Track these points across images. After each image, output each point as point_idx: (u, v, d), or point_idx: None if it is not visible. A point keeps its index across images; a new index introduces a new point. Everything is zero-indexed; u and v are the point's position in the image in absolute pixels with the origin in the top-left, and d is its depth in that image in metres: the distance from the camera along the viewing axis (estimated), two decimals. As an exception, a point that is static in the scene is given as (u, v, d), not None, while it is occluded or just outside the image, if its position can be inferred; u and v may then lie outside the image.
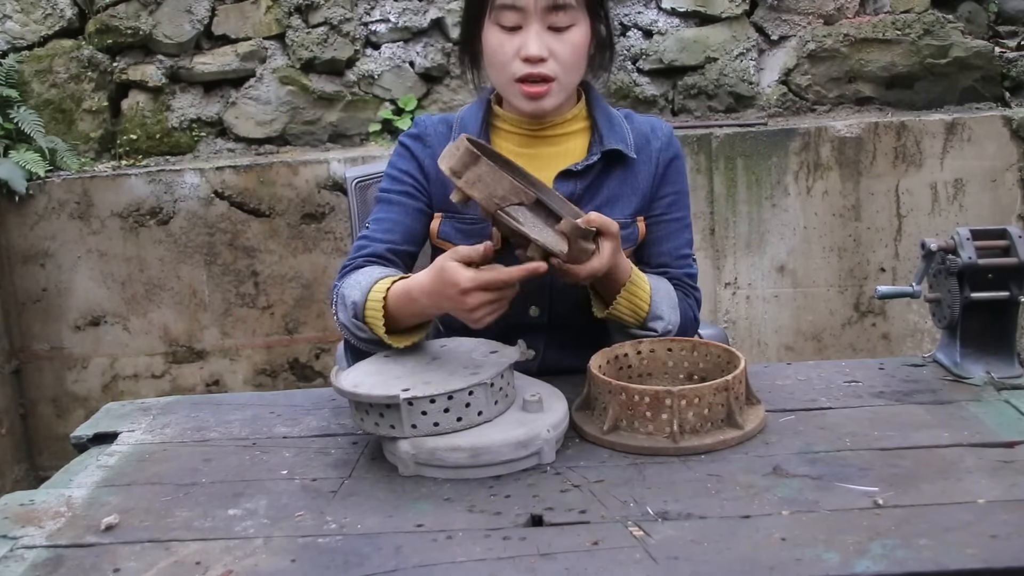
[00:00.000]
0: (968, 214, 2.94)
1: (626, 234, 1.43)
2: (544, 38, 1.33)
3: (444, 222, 1.43)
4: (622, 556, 0.89)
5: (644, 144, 1.46)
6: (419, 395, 1.09)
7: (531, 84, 1.34)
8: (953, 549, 0.88)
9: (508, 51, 1.34)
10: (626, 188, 1.44)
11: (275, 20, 3.22)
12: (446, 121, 1.47)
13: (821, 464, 1.07)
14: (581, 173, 1.41)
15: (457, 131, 1.43)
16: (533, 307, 1.42)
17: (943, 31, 3.11)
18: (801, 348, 3.03)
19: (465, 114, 1.47)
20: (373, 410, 1.12)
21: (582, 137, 1.45)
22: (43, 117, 3.12)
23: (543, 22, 1.33)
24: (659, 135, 1.48)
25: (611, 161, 1.43)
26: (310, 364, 3.05)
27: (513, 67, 1.35)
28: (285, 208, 2.99)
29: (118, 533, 1.01)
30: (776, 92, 3.21)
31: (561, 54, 1.34)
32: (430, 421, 1.10)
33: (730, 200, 2.96)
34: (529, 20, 1.33)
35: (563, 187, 1.40)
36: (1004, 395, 1.26)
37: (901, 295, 1.37)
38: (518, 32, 1.34)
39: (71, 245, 3.00)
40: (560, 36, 1.34)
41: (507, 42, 1.34)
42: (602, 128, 1.43)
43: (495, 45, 1.35)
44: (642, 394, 1.14)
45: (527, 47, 1.32)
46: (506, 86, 1.38)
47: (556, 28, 1.33)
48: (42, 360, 3.07)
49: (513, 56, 1.34)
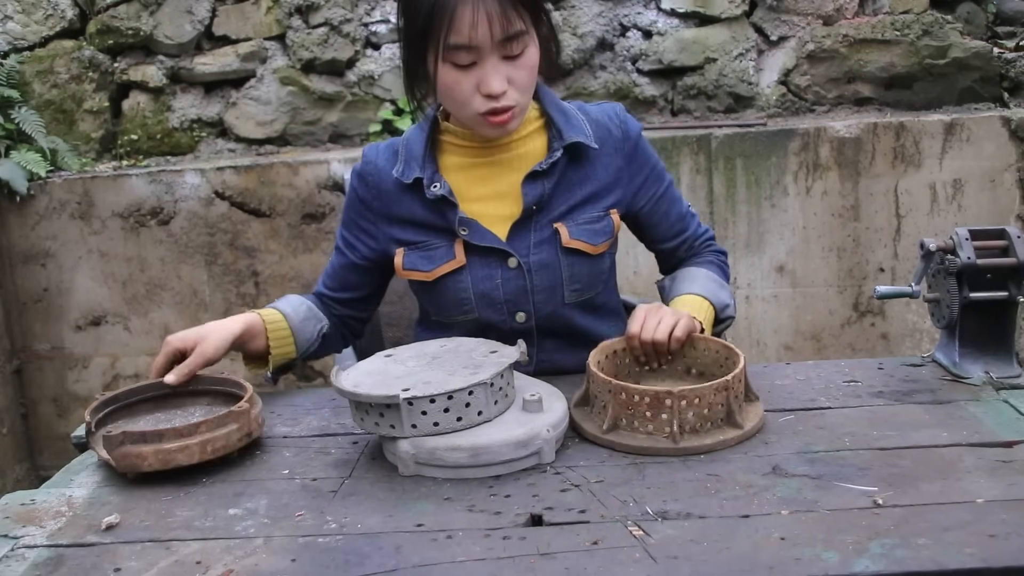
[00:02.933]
0: (967, 214, 2.94)
1: (600, 227, 1.42)
2: (501, 70, 1.28)
3: (408, 254, 1.41)
4: (622, 556, 0.90)
5: (606, 135, 1.42)
6: (419, 395, 1.09)
7: (495, 116, 1.30)
8: (952, 548, 0.88)
9: (466, 88, 1.29)
10: (592, 181, 1.41)
11: (275, 21, 3.22)
12: (392, 147, 1.45)
13: (820, 464, 1.08)
14: (547, 172, 1.38)
15: (403, 155, 1.41)
16: (519, 314, 1.41)
17: (942, 32, 3.11)
18: (800, 348, 3.03)
19: (410, 138, 1.43)
20: (373, 410, 1.12)
21: (539, 136, 1.42)
22: (44, 117, 3.13)
23: (498, 54, 1.27)
24: (614, 119, 1.44)
25: (574, 155, 1.40)
26: (310, 364, 3.06)
27: (474, 104, 1.30)
28: (286, 208, 2.99)
29: (119, 533, 1.01)
30: (775, 92, 3.21)
31: (519, 80, 1.30)
32: (430, 421, 1.10)
33: (729, 200, 2.96)
34: (484, 56, 1.26)
35: (532, 189, 1.38)
36: (1003, 395, 1.26)
37: (900, 295, 1.37)
38: (473, 69, 1.27)
39: (72, 245, 3.00)
40: (515, 63, 1.29)
41: (463, 80, 1.28)
42: (558, 123, 1.40)
43: (451, 83, 1.29)
44: (642, 394, 1.14)
45: (488, 84, 1.27)
46: (469, 119, 1.34)
47: (510, 56, 1.28)
48: (43, 360, 3.07)
49: (472, 93, 1.29)
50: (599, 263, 1.43)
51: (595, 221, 1.41)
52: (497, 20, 1.24)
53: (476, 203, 1.39)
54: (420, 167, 1.39)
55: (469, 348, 1.25)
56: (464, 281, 1.39)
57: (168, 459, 1.11)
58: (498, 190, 1.40)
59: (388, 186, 1.42)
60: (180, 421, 1.25)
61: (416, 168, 1.39)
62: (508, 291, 1.39)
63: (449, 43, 1.25)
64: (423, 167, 1.39)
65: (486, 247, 1.38)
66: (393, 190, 1.42)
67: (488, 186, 1.40)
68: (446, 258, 1.39)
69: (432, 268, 1.39)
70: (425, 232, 1.41)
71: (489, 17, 1.23)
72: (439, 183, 1.38)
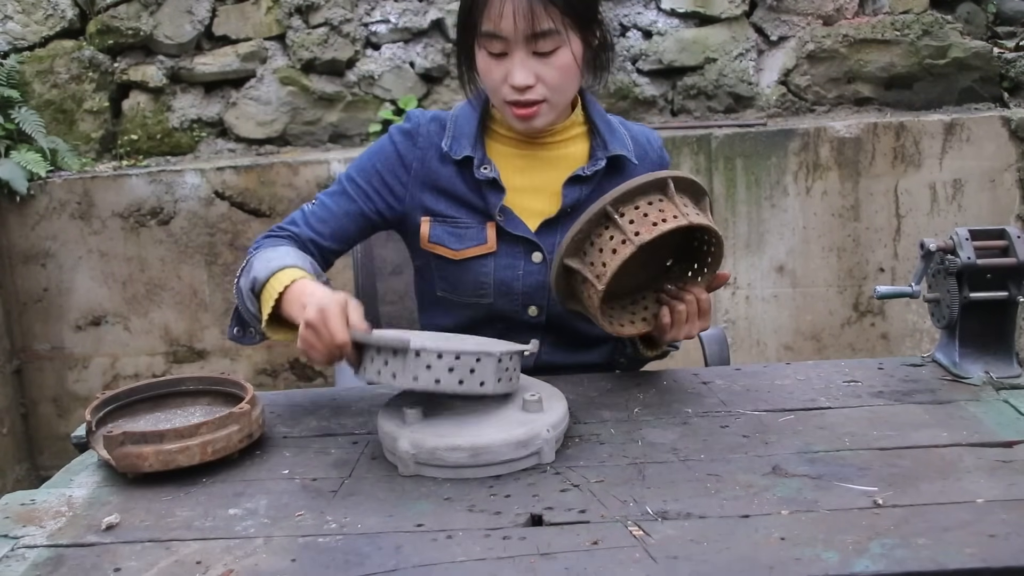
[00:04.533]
0: (967, 214, 2.95)
1: None
2: (529, 65, 1.32)
3: (434, 226, 1.43)
4: (622, 556, 0.90)
5: (643, 154, 1.47)
6: (428, 347, 1.10)
7: (520, 107, 1.35)
8: (952, 548, 0.88)
9: (496, 77, 1.35)
10: None
11: (275, 21, 3.22)
12: (439, 119, 1.46)
13: (820, 464, 1.08)
14: (588, 178, 1.42)
15: (452, 130, 1.43)
16: (532, 307, 1.43)
17: (942, 32, 3.11)
18: (800, 348, 3.03)
19: (460, 115, 1.46)
20: (379, 356, 1.12)
21: (581, 142, 1.45)
22: (44, 117, 3.12)
23: (527, 49, 1.31)
24: (654, 147, 1.50)
25: (614, 166, 1.44)
26: (310, 364, 3.06)
27: (502, 91, 1.35)
28: (286, 208, 2.99)
29: (119, 532, 1.01)
30: (775, 92, 3.21)
31: (549, 77, 1.34)
32: (432, 377, 1.10)
33: (729, 200, 2.96)
34: (513, 48, 1.32)
35: (572, 192, 1.41)
36: (1003, 395, 1.26)
37: (900, 295, 1.37)
38: (504, 59, 1.33)
39: (72, 245, 3.00)
40: (546, 60, 1.33)
41: (495, 68, 1.34)
42: (603, 133, 1.44)
43: (484, 69, 1.36)
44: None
45: (512, 76, 1.32)
46: (500, 106, 1.39)
47: (541, 53, 1.32)
48: (43, 360, 3.07)
49: (501, 81, 1.34)
50: None
51: None
52: (524, 15, 1.28)
53: (512, 193, 1.42)
54: (471, 146, 1.41)
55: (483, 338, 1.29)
56: (488, 266, 1.41)
57: (168, 460, 1.11)
58: (535, 185, 1.43)
59: (433, 153, 1.43)
60: (180, 421, 1.25)
61: (467, 146, 1.41)
62: (528, 284, 1.41)
63: (483, 30, 1.32)
64: (474, 146, 1.41)
65: (517, 236, 1.40)
66: (436, 159, 1.43)
67: (526, 178, 1.43)
68: (477, 240, 1.41)
69: (461, 248, 1.41)
70: (458, 208, 1.42)
71: (516, 10, 1.28)
72: (489, 166, 1.40)
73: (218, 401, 1.30)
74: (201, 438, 1.12)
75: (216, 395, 1.31)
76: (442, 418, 1.15)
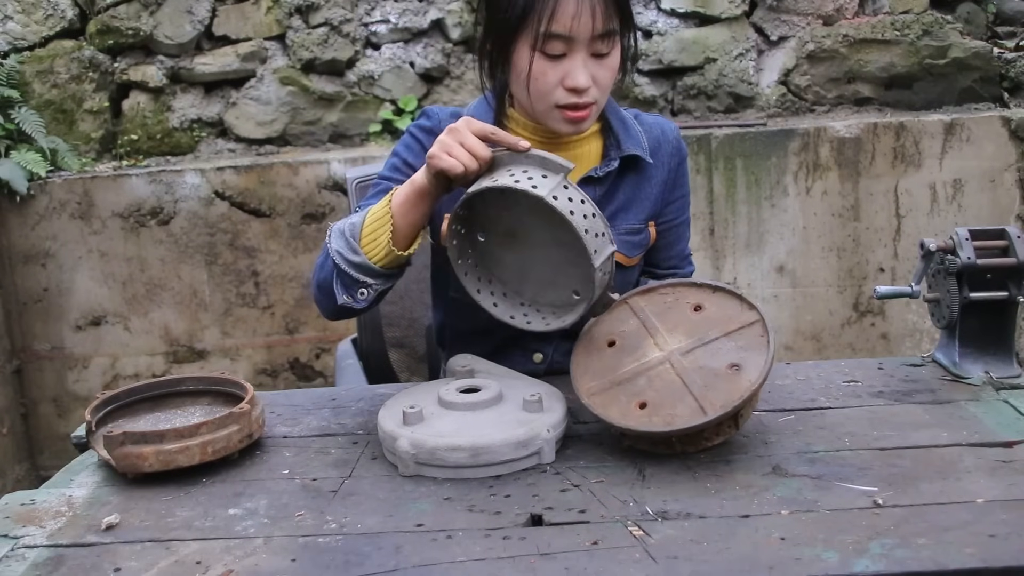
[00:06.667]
0: (967, 214, 2.95)
1: (639, 240, 1.43)
2: (588, 66, 1.29)
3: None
4: (622, 556, 0.90)
5: (657, 149, 1.46)
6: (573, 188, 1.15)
7: (574, 110, 1.31)
8: (952, 548, 0.88)
9: (551, 80, 1.29)
10: (640, 193, 1.44)
11: (275, 21, 3.22)
12: (456, 116, 1.44)
13: (820, 464, 1.08)
14: (601, 179, 1.41)
15: None
16: None
17: (942, 32, 3.11)
18: (800, 348, 3.03)
19: (475, 113, 1.43)
20: (525, 164, 1.16)
21: (595, 141, 1.44)
22: (44, 117, 3.12)
23: (588, 50, 1.28)
24: (669, 139, 1.48)
25: (627, 166, 1.42)
26: (310, 364, 3.06)
27: (556, 95, 1.30)
28: (286, 208, 2.99)
29: (119, 532, 1.01)
30: (775, 92, 3.21)
31: (602, 80, 1.31)
32: (568, 208, 1.12)
33: (729, 200, 2.96)
34: (576, 49, 1.28)
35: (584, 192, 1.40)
36: (1003, 395, 1.26)
37: (900, 295, 1.37)
38: (561, 60, 1.28)
39: (72, 245, 3.00)
40: (602, 62, 1.30)
41: (550, 70, 1.29)
42: (617, 131, 1.42)
43: (537, 73, 1.30)
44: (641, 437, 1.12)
45: (575, 78, 1.28)
46: (545, 111, 1.34)
47: (599, 55, 1.29)
48: (43, 360, 3.07)
49: (556, 84, 1.29)
50: (630, 274, 1.45)
51: (634, 233, 1.43)
52: (600, 14, 1.26)
53: None
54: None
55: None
56: None
57: (169, 460, 1.11)
58: None
59: None
60: (180, 421, 1.25)
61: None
62: None
63: (548, 31, 1.26)
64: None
65: None
66: None
67: None
68: None
69: None
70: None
71: (592, 9, 1.25)
72: None
73: (218, 401, 1.30)
74: (201, 438, 1.12)
75: (216, 395, 1.31)
76: (442, 418, 1.15)
